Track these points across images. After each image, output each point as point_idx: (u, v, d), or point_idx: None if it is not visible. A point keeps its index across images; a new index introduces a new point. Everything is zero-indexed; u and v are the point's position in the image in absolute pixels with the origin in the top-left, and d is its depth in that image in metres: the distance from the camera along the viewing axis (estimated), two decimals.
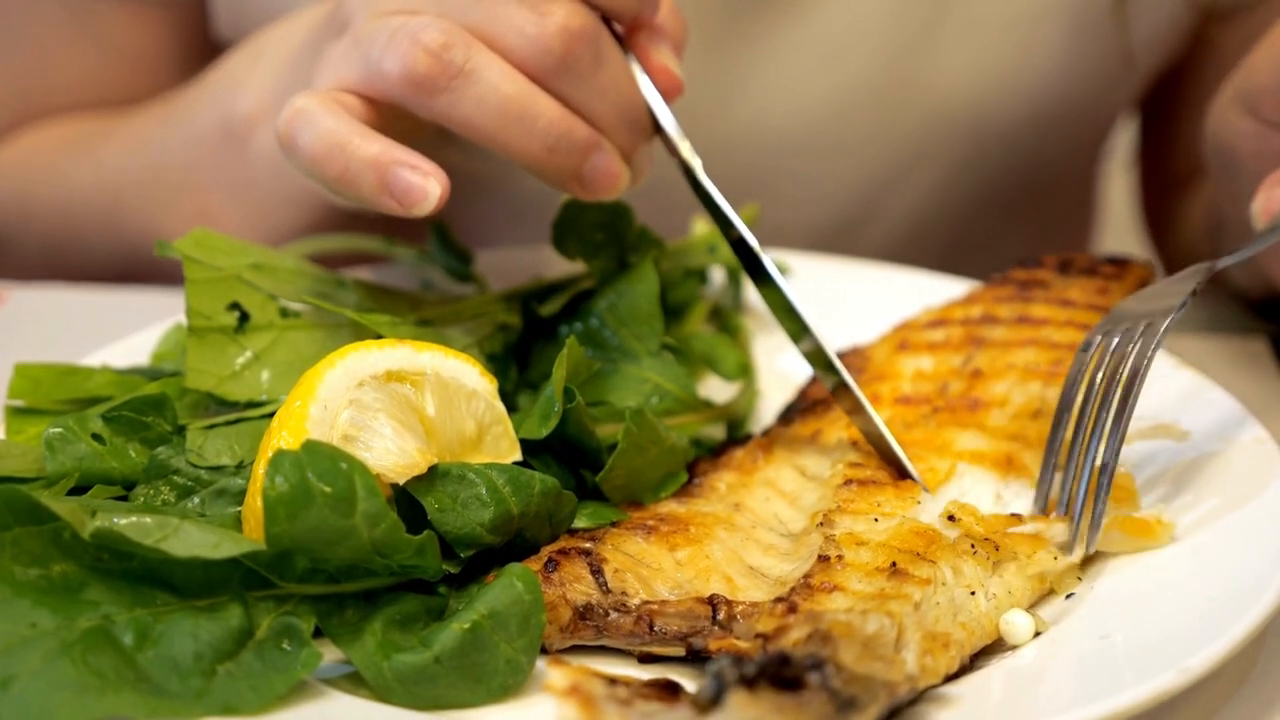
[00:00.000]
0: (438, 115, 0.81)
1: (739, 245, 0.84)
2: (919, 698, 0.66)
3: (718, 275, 1.06)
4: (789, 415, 0.91)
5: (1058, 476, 0.80)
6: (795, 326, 0.83)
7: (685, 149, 0.85)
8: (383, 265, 1.05)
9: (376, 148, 0.78)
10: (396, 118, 0.83)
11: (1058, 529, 0.77)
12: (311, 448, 0.66)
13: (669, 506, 0.80)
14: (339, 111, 0.80)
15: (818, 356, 0.82)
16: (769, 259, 0.83)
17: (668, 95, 0.85)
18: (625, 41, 0.85)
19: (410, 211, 0.78)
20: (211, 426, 0.78)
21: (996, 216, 1.30)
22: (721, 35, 1.16)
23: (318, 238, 1.01)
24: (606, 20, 0.83)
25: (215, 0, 1.21)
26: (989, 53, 1.19)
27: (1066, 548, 0.76)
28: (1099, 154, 1.40)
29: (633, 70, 0.84)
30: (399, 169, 0.78)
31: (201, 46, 1.24)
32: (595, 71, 0.82)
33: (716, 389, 0.96)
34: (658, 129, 0.86)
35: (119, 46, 1.23)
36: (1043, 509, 0.79)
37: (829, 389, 0.83)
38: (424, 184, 0.78)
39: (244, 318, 0.83)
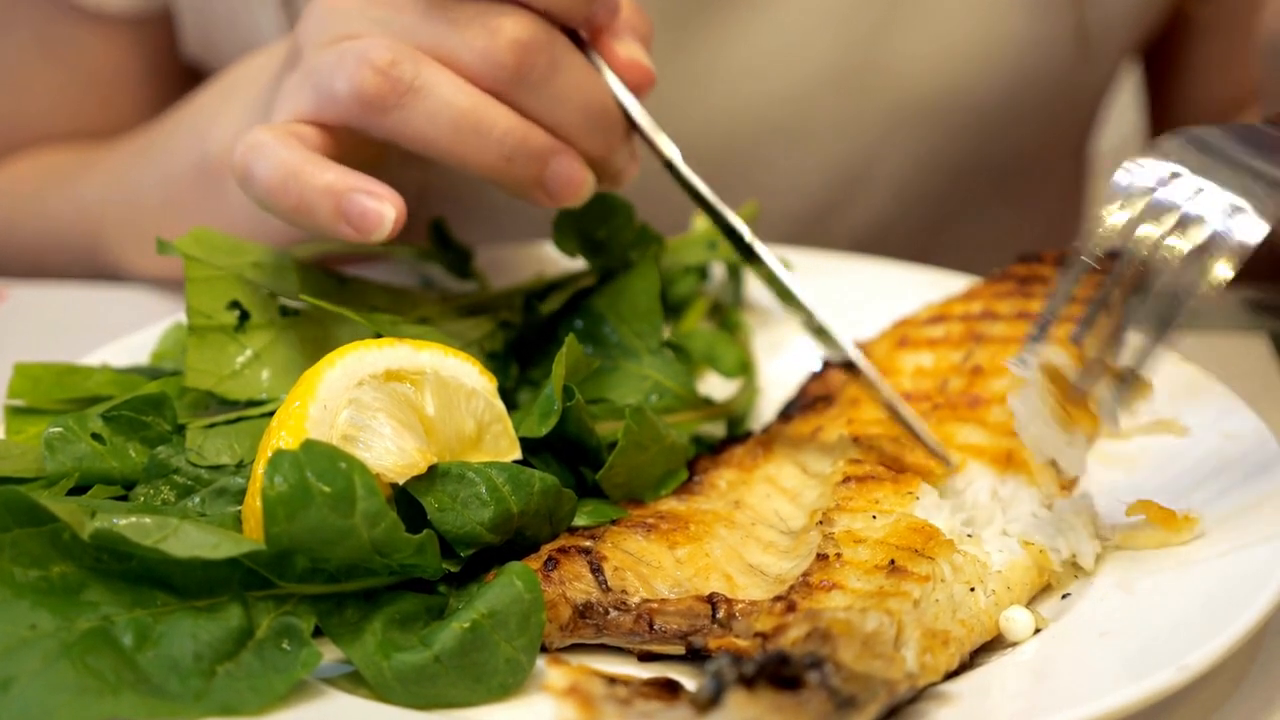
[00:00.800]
0: (390, 133, 0.80)
1: (729, 232, 0.84)
2: (919, 695, 0.66)
3: (718, 272, 1.06)
4: (789, 412, 0.91)
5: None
6: (792, 302, 0.83)
7: (662, 141, 0.84)
8: (382, 263, 1.05)
9: (331, 175, 0.78)
10: (355, 145, 0.82)
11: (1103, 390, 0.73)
12: (311, 447, 0.66)
13: (669, 504, 0.80)
14: (293, 142, 0.79)
15: (816, 328, 0.82)
16: (762, 245, 0.83)
17: (639, 88, 0.85)
18: (589, 44, 0.84)
19: (367, 238, 0.78)
20: (211, 426, 0.78)
21: (973, 204, 1.29)
22: (680, 26, 1.15)
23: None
24: (570, 30, 0.83)
25: (183, 18, 1.21)
26: (949, 33, 1.19)
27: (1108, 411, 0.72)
28: (1082, 144, 1.39)
29: (598, 72, 0.83)
30: (354, 195, 0.77)
31: (172, 66, 1.24)
32: (552, 79, 0.81)
33: (716, 386, 0.96)
34: (632, 125, 0.85)
35: (91, 69, 1.23)
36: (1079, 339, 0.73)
37: (835, 361, 0.82)
38: (379, 208, 0.77)
39: (244, 316, 0.83)
